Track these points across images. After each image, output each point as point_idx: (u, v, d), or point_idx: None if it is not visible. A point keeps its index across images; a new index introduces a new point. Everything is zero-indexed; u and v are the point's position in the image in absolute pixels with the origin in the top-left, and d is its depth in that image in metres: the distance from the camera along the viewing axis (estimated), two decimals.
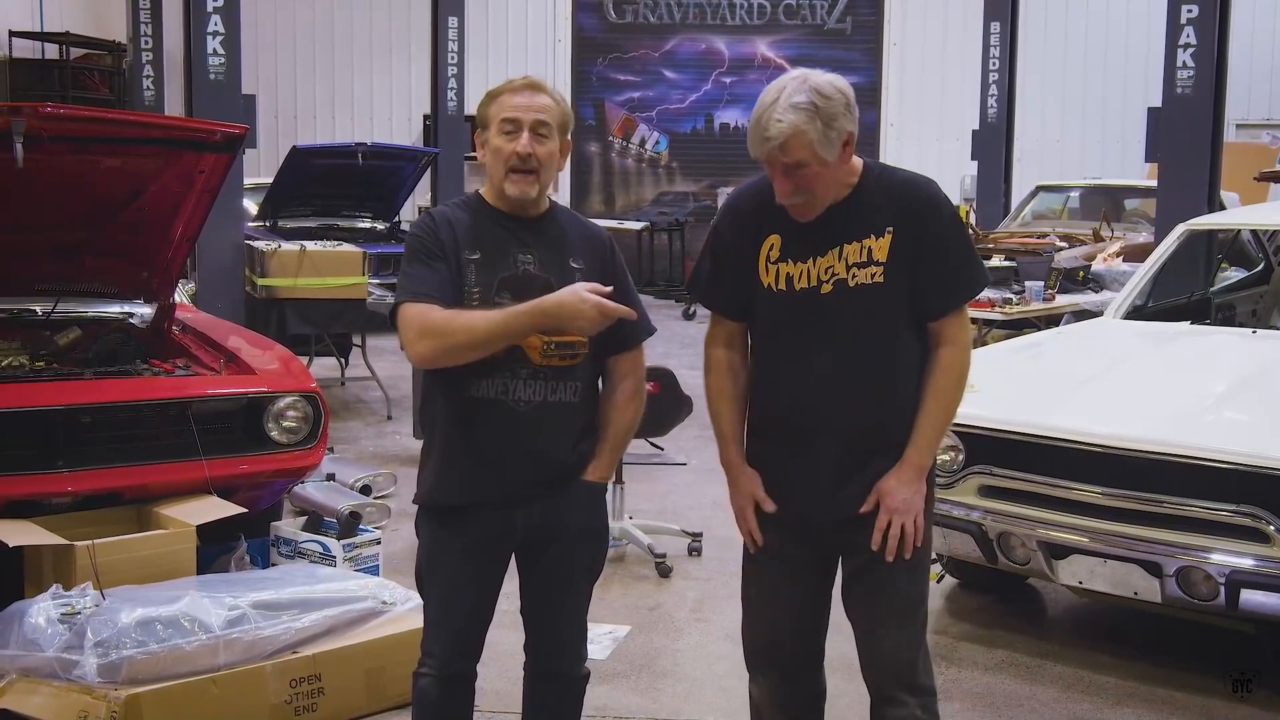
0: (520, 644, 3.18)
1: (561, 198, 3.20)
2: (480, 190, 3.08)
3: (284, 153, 10.08)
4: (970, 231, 9.66)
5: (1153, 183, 10.05)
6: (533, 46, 16.95)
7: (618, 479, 5.55)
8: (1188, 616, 4.50)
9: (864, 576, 2.98)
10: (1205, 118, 8.29)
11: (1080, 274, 9.17)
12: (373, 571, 4.87)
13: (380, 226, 10.33)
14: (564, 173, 3.11)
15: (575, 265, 3.01)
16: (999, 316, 8.13)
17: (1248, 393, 4.71)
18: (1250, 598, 4.06)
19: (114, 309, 5.32)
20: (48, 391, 4.58)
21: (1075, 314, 8.00)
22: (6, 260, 4.96)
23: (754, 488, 3.01)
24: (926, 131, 16.39)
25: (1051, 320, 8.01)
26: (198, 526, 4.37)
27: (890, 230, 2.85)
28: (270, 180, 10.16)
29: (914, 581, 3.01)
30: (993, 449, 4.55)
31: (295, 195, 9.91)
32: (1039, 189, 12.71)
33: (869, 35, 16.78)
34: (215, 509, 4.48)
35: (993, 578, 5.12)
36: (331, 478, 6.31)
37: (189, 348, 5.24)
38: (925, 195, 2.90)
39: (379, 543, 5.08)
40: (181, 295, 6.13)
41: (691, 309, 13.84)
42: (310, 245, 8.70)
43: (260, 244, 8.69)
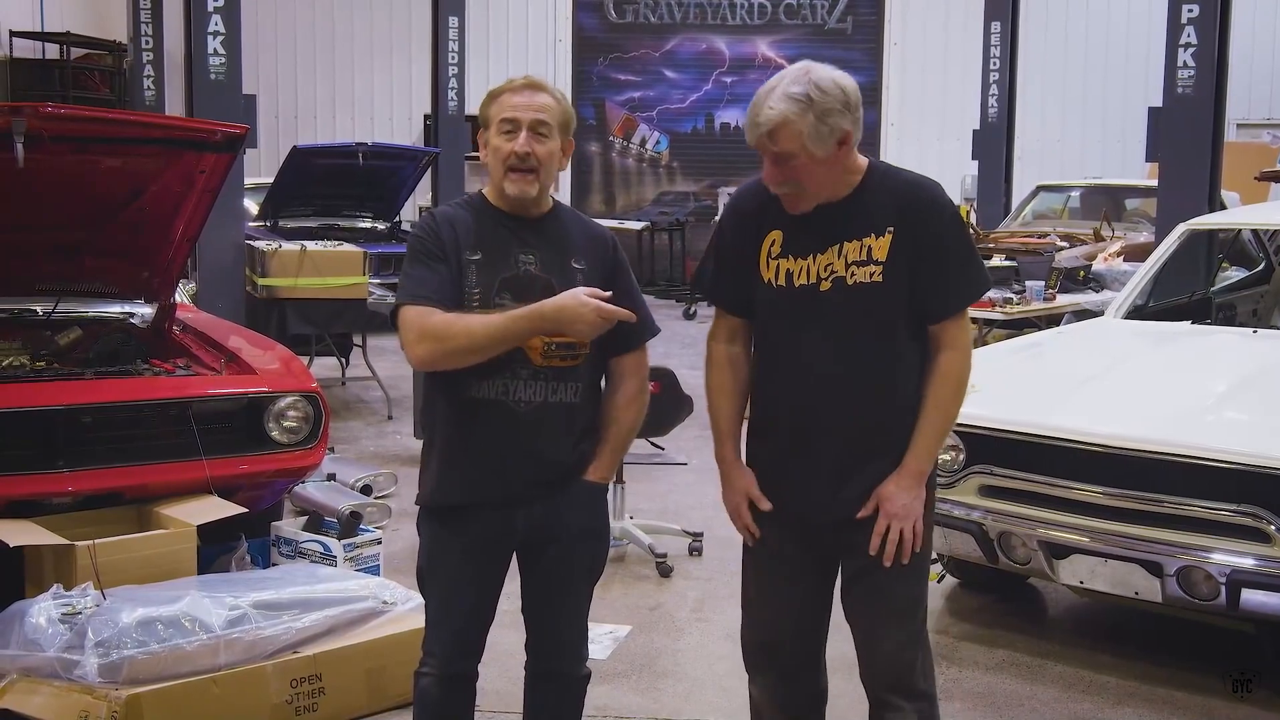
0: (521, 644, 3.18)
1: (562, 198, 3.19)
2: (483, 190, 3.08)
3: (284, 152, 10.08)
4: (971, 231, 9.66)
5: (1153, 182, 10.04)
6: (533, 46, 16.95)
7: (618, 479, 5.55)
8: (1188, 616, 4.50)
9: (863, 579, 2.97)
10: (1206, 117, 8.28)
11: (1081, 274, 9.17)
12: (373, 571, 4.87)
13: (381, 226, 10.33)
14: (564, 173, 3.11)
15: (577, 266, 3.00)
16: (999, 316, 8.12)
17: (1248, 392, 4.71)
18: (1251, 597, 4.06)
19: (115, 309, 5.32)
20: (48, 391, 4.58)
21: (1076, 314, 8.00)
22: (7, 260, 4.97)
23: (748, 485, 3.00)
24: (927, 131, 16.39)
25: (1052, 320, 8.00)
26: (198, 526, 4.37)
27: (891, 230, 2.84)
28: (271, 180, 10.16)
29: (913, 585, 3.00)
30: (993, 449, 4.55)
31: (296, 195, 9.91)
32: (1040, 189, 12.70)
33: (869, 35, 16.78)
34: (216, 509, 4.48)
35: (993, 577, 5.12)
36: (332, 478, 6.31)
37: (190, 348, 5.24)
38: (928, 197, 2.89)
39: (380, 542, 5.08)
40: (182, 295, 6.13)
41: (692, 309, 13.85)
42: (311, 245, 8.71)
43: (261, 244, 8.69)
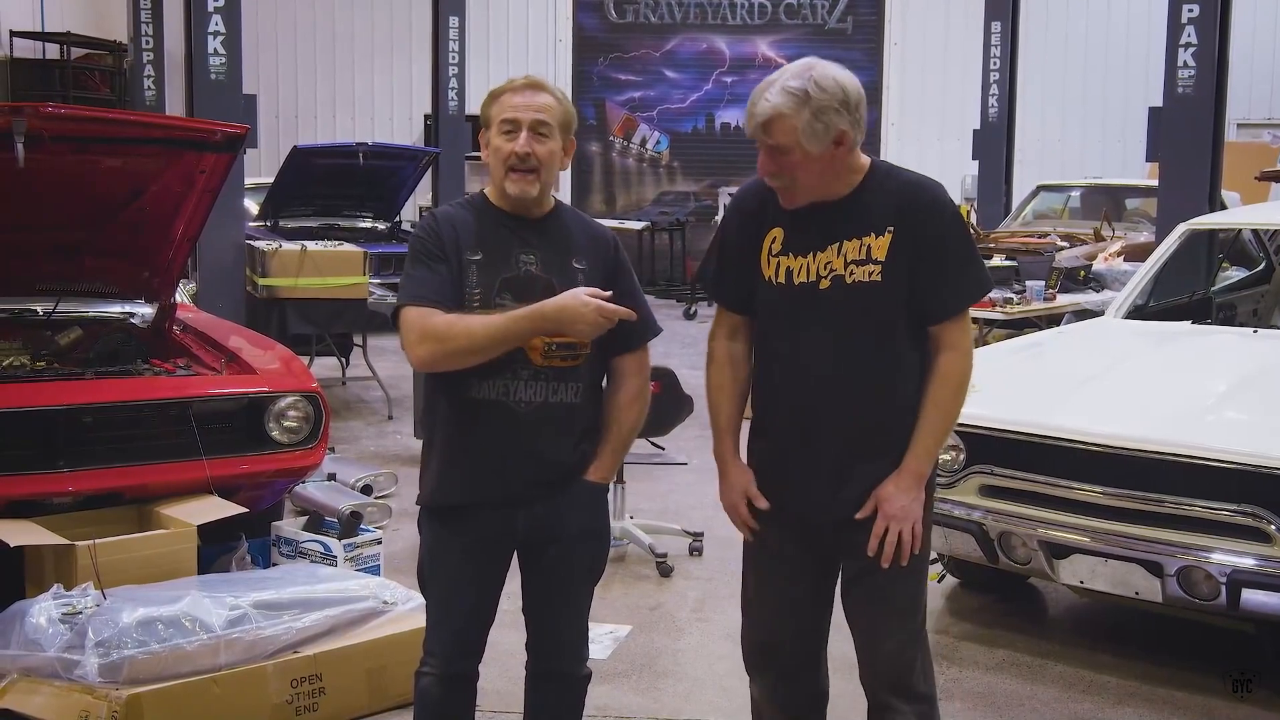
0: (522, 644, 3.18)
1: (562, 198, 3.19)
2: (484, 190, 3.08)
3: (285, 152, 10.08)
4: (971, 231, 9.65)
5: (1154, 182, 10.04)
6: (534, 46, 16.95)
7: (619, 479, 5.55)
8: (1189, 616, 4.50)
9: (862, 580, 2.96)
10: (1206, 117, 8.28)
11: (1081, 273, 9.16)
12: (374, 571, 4.87)
13: (381, 226, 10.33)
14: (564, 173, 3.11)
15: (578, 266, 3.00)
16: (1000, 316, 8.12)
17: (1249, 392, 4.71)
18: (1251, 597, 4.06)
19: (115, 309, 5.32)
20: (49, 391, 4.58)
21: (1076, 313, 8.00)
22: (8, 260, 4.97)
23: (746, 482, 3.00)
24: (927, 131, 16.39)
25: (1052, 320, 8.00)
26: (199, 526, 4.37)
27: (891, 230, 2.83)
28: (271, 180, 10.16)
29: (912, 586, 2.99)
30: (994, 448, 4.55)
31: (296, 195, 9.91)
32: (1040, 188, 12.70)
33: (870, 35, 16.78)
34: (216, 509, 4.48)
35: (994, 577, 5.12)
36: (332, 477, 6.32)
37: (190, 348, 5.24)
38: (928, 197, 2.88)
39: (380, 542, 5.08)
40: (182, 295, 6.13)
41: (692, 309, 13.85)
42: (311, 245, 8.71)
43: (261, 244, 8.69)
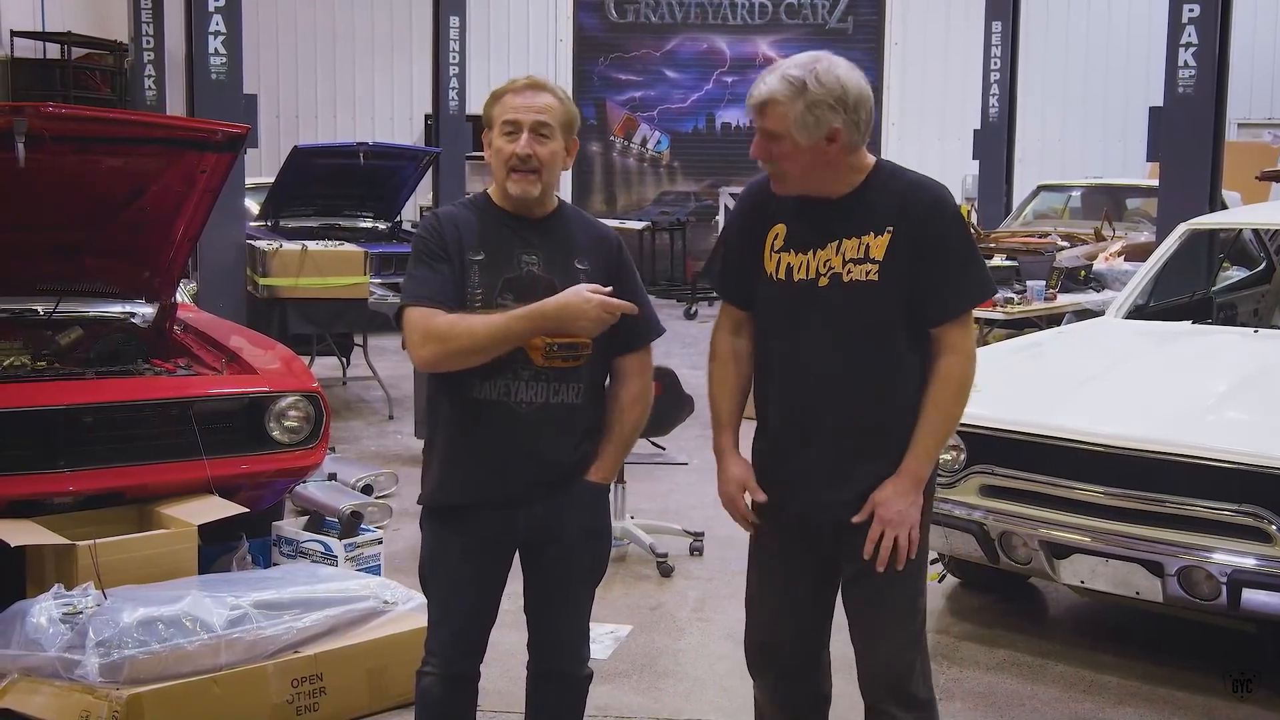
0: (523, 643, 3.18)
1: (563, 198, 3.19)
2: (488, 190, 3.08)
3: (285, 152, 10.07)
4: (972, 231, 9.64)
5: (1154, 182, 10.04)
6: (534, 46, 16.95)
7: (619, 478, 5.55)
8: (1189, 616, 4.50)
9: (860, 582, 2.94)
10: (1207, 117, 8.27)
11: (1082, 273, 9.16)
12: (374, 571, 4.87)
13: (382, 226, 10.33)
14: (565, 173, 3.11)
15: (580, 266, 3.00)
16: (1000, 316, 8.11)
17: (1249, 392, 4.71)
18: (1252, 597, 4.06)
19: (116, 309, 5.32)
20: (49, 391, 4.58)
21: (1077, 313, 7.99)
22: (8, 260, 4.97)
23: (743, 475, 2.98)
24: (928, 131, 16.38)
25: (1053, 320, 8.00)
26: (199, 526, 4.37)
27: (890, 229, 2.82)
28: (272, 180, 10.16)
29: (910, 590, 2.96)
30: (994, 448, 4.55)
31: (297, 195, 9.91)
32: (1040, 188, 12.70)
33: (870, 35, 16.77)
34: (217, 509, 4.48)
35: (994, 577, 5.12)
36: (333, 477, 6.32)
37: (190, 347, 5.24)
38: (929, 198, 2.85)
39: (380, 542, 5.08)
40: (183, 295, 6.13)
41: (693, 308, 13.85)
42: (312, 245, 8.70)
43: (262, 243, 8.69)
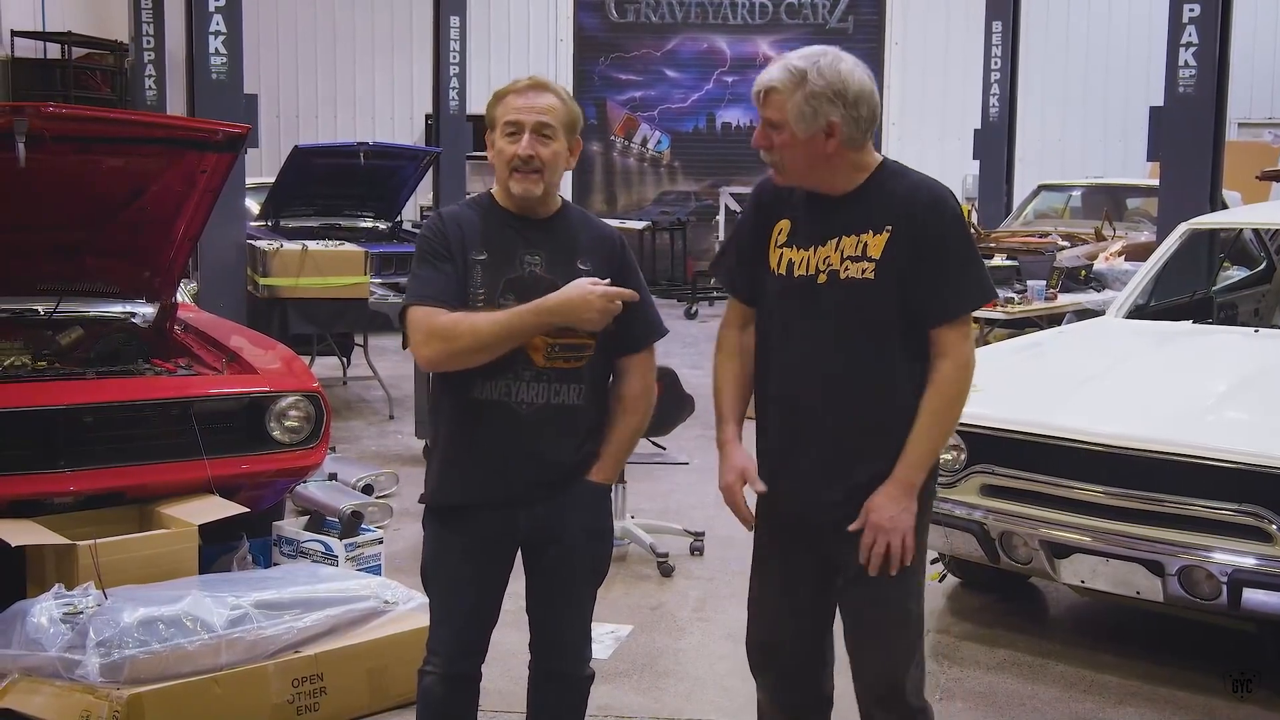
0: (524, 643, 3.18)
1: (565, 198, 3.20)
2: (491, 190, 3.08)
3: (286, 152, 10.07)
4: (972, 231, 9.64)
5: (1154, 182, 10.04)
6: (534, 46, 16.96)
7: (620, 478, 5.54)
8: (1190, 616, 4.50)
9: (855, 588, 2.92)
10: (1207, 117, 8.27)
11: (1082, 273, 9.16)
12: (375, 571, 4.87)
13: (382, 226, 10.33)
14: (566, 172, 3.11)
15: (583, 267, 3.00)
16: (1001, 316, 8.11)
17: (1249, 392, 4.71)
18: (1252, 597, 4.06)
19: (116, 309, 5.32)
20: (50, 391, 4.58)
21: (1077, 313, 7.99)
22: (9, 260, 4.97)
23: (743, 465, 2.94)
24: (928, 131, 16.38)
25: (1053, 319, 7.99)
26: (200, 526, 4.37)
27: (889, 229, 2.81)
28: (272, 180, 10.16)
29: (906, 598, 2.93)
30: (995, 448, 4.55)
31: (297, 195, 9.91)
32: (1041, 188, 12.70)
33: (871, 35, 16.77)
34: (217, 508, 4.48)
35: (995, 577, 5.12)
36: (333, 477, 6.32)
37: (191, 347, 5.24)
38: (929, 199, 2.83)
39: (381, 542, 5.08)
40: (184, 295, 6.13)
41: (693, 308, 13.85)
42: (312, 245, 8.70)
43: (262, 243, 8.69)
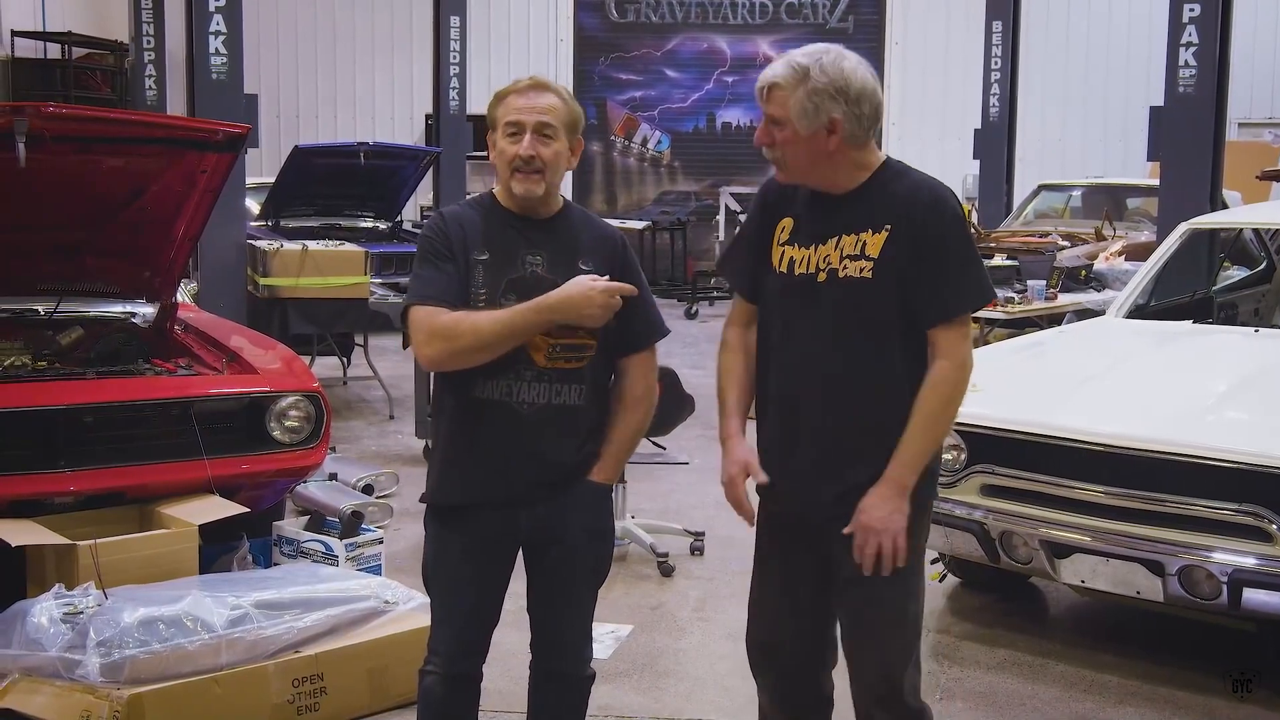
0: (525, 643, 3.18)
1: (567, 198, 3.20)
2: (493, 189, 3.09)
3: (286, 152, 10.07)
4: (972, 231, 9.64)
5: (1155, 182, 10.04)
6: (534, 46, 16.97)
7: (620, 478, 5.54)
8: (1190, 615, 4.50)
9: (852, 588, 2.89)
10: (1207, 117, 8.27)
11: (1082, 273, 9.16)
12: (375, 571, 4.87)
13: (382, 226, 10.32)
14: (567, 172, 3.11)
15: (584, 267, 3.00)
16: (1001, 316, 8.11)
17: (1250, 392, 4.71)
18: (1252, 596, 4.06)
19: (116, 309, 5.32)
20: (50, 391, 4.58)
21: (1077, 313, 7.99)
22: (9, 260, 4.97)
23: (746, 457, 2.92)
24: (928, 131, 16.39)
25: (1054, 319, 7.99)
26: (200, 526, 4.37)
27: (889, 227, 2.80)
28: (272, 180, 10.16)
29: (903, 597, 2.91)
30: (995, 448, 4.55)
31: (297, 195, 9.91)
32: (1041, 188, 12.70)
33: (871, 34, 16.78)
34: (217, 508, 4.48)
35: (995, 577, 5.12)
36: (334, 477, 6.32)
37: (191, 347, 5.24)
38: (929, 199, 2.82)
39: (381, 542, 5.08)
40: (184, 295, 6.13)
41: (693, 308, 13.86)
42: (312, 245, 8.70)
43: (262, 243, 8.69)
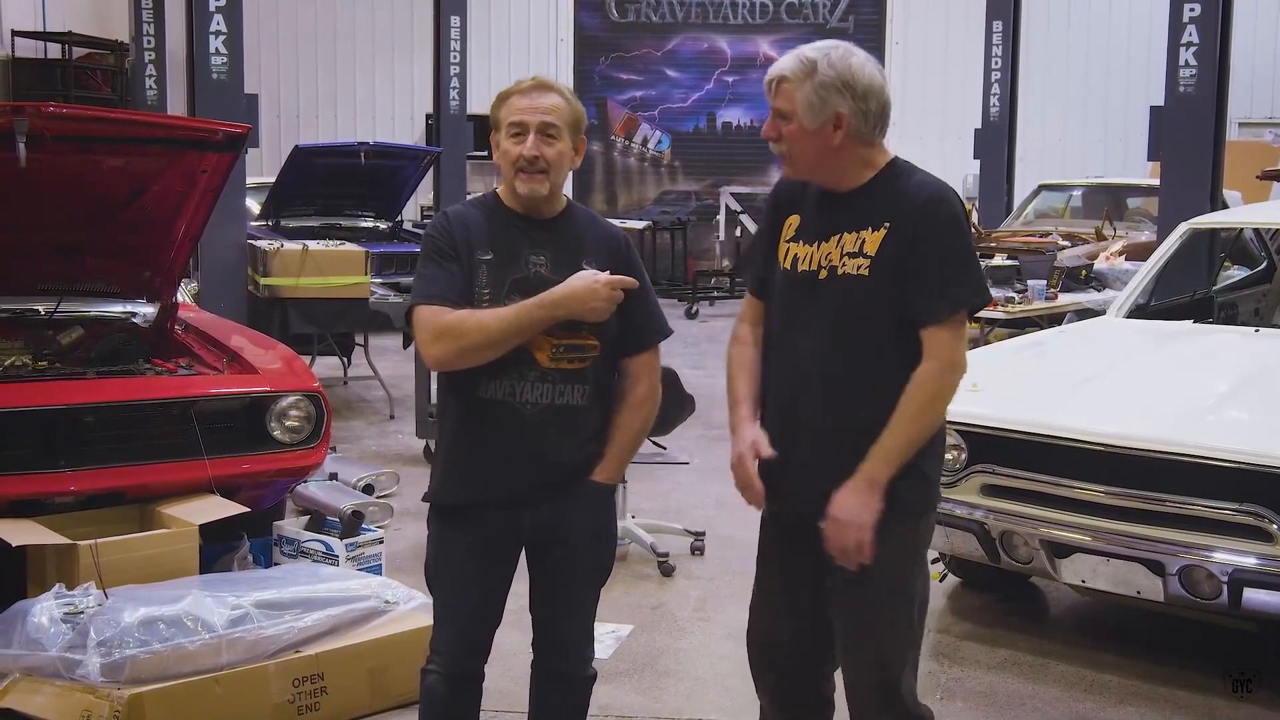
0: (527, 643, 3.18)
1: (570, 198, 3.20)
2: (497, 189, 3.09)
3: (286, 152, 10.07)
4: (973, 232, 9.63)
5: (1155, 181, 10.04)
6: (535, 45, 16.95)
7: (621, 478, 5.54)
8: (1190, 615, 4.50)
9: (849, 589, 2.87)
10: (1208, 116, 8.27)
11: (1083, 273, 9.16)
12: (375, 571, 4.87)
13: (382, 226, 10.32)
14: (569, 172, 3.11)
15: (587, 267, 2.99)
16: (1001, 315, 8.12)
17: (1250, 391, 4.71)
18: (1253, 596, 4.06)
19: (117, 308, 5.32)
20: (50, 391, 4.58)
21: (1078, 313, 7.99)
22: (9, 260, 4.97)
23: (755, 437, 2.87)
24: (929, 130, 16.36)
25: (1054, 319, 7.99)
26: (200, 526, 4.37)
27: (887, 225, 2.80)
28: (273, 179, 10.15)
29: (899, 599, 2.87)
30: (995, 448, 4.55)
31: (298, 194, 9.90)
32: (1041, 188, 12.70)
33: (871, 34, 16.76)
34: (218, 508, 4.48)
35: (995, 577, 5.12)
36: (334, 477, 6.32)
37: (192, 347, 5.25)
38: (928, 198, 2.80)
39: (382, 542, 5.08)
40: (184, 295, 6.13)
41: (694, 308, 13.87)
42: (313, 244, 8.70)
43: (263, 243, 8.69)
